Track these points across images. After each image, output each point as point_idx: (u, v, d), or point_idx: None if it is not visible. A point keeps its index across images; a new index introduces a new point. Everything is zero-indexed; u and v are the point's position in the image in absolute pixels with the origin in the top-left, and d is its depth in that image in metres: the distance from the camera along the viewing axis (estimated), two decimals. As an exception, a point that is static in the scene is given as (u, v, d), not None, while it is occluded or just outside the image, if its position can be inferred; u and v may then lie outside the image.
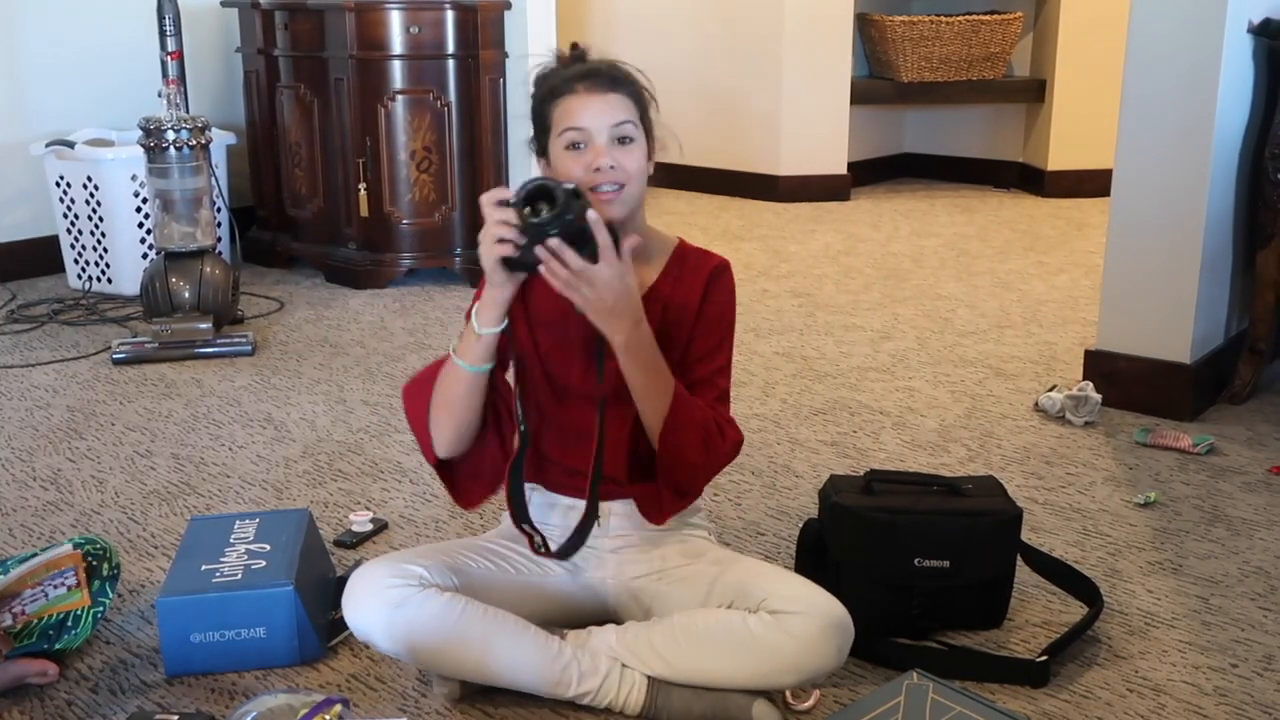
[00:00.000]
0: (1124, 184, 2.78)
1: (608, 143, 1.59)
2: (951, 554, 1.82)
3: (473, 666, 1.61)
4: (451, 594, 1.62)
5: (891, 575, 1.83)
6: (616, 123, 1.60)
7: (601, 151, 1.59)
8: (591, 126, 1.59)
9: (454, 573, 1.66)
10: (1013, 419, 2.78)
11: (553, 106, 1.62)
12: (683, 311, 1.69)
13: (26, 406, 2.89)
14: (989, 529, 1.83)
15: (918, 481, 1.94)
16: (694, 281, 1.70)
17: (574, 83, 1.61)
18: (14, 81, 4.02)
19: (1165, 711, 1.68)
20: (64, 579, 1.74)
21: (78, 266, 3.92)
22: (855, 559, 1.84)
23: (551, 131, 1.62)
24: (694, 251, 1.74)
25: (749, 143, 5.54)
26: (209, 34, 4.41)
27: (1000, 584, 1.88)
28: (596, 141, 1.59)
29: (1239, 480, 2.44)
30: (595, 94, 1.60)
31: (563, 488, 1.74)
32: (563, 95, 1.61)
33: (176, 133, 3.28)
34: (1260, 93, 2.80)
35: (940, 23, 5.34)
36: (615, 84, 1.62)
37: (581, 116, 1.59)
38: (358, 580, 1.63)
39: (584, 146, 1.60)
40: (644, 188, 1.65)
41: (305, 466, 2.53)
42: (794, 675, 1.58)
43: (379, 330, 3.51)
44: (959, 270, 4.20)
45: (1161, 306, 2.76)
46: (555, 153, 1.62)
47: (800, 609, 1.57)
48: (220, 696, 1.72)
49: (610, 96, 1.61)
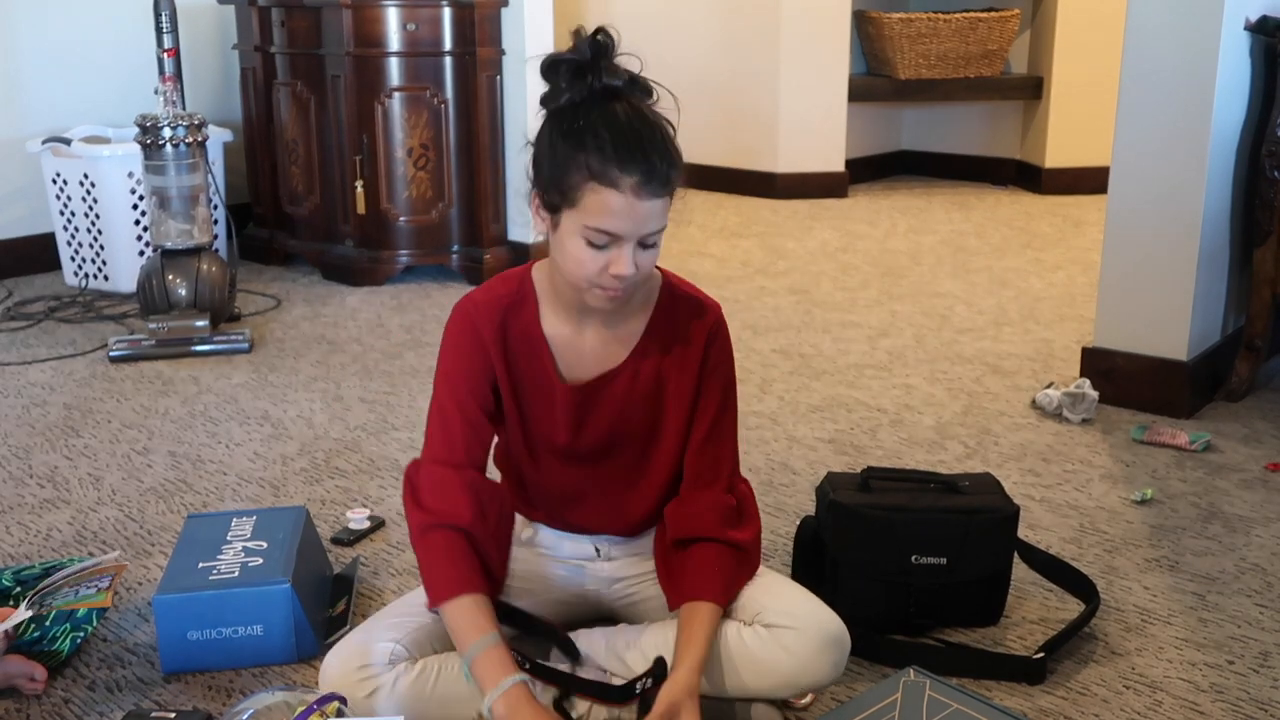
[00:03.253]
0: (1121, 181, 2.78)
1: (635, 247, 1.43)
2: (948, 551, 1.82)
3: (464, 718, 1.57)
4: (422, 664, 1.54)
5: (888, 572, 1.83)
6: (653, 231, 1.43)
7: (627, 261, 1.42)
8: (627, 235, 1.42)
9: (431, 635, 1.56)
10: (1010, 416, 2.78)
11: (585, 183, 1.40)
12: (682, 373, 1.59)
13: (23, 404, 2.89)
14: (986, 526, 1.83)
15: (915, 479, 1.94)
16: (693, 337, 1.60)
17: (622, 177, 1.39)
18: (10, 78, 4.02)
19: (1162, 708, 1.68)
20: (100, 582, 1.74)
21: (74, 264, 3.91)
22: (852, 556, 1.84)
23: (575, 206, 1.43)
24: (683, 298, 1.61)
25: (747, 140, 5.54)
26: (206, 31, 4.40)
27: (997, 581, 1.88)
28: (624, 248, 1.42)
29: (1236, 477, 2.45)
30: (642, 199, 1.39)
31: (566, 526, 1.73)
32: (604, 185, 1.39)
33: (173, 130, 3.27)
34: (1257, 90, 2.80)
35: (938, 20, 5.34)
36: (664, 183, 1.40)
37: (622, 224, 1.40)
38: (329, 665, 1.54)
39: (608, 247, 1.43)
40: None
41: (302, 464, 2.53)
42: (789, 690, 1.57)
43: (376, 327, 3.51)
44: (956, 267, 4.20)
45: (1158, 304, 2.76)
46: (569, 230, 1.44)
47: (796, 624, 1.54)
48: (217, 694, 1.72)
49: (654, 203, 1.41)
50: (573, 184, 1.42)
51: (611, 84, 1.43)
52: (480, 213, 3.98)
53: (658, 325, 1.60)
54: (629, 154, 1.39)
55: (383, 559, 2.11)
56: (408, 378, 3.07)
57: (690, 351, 1.60)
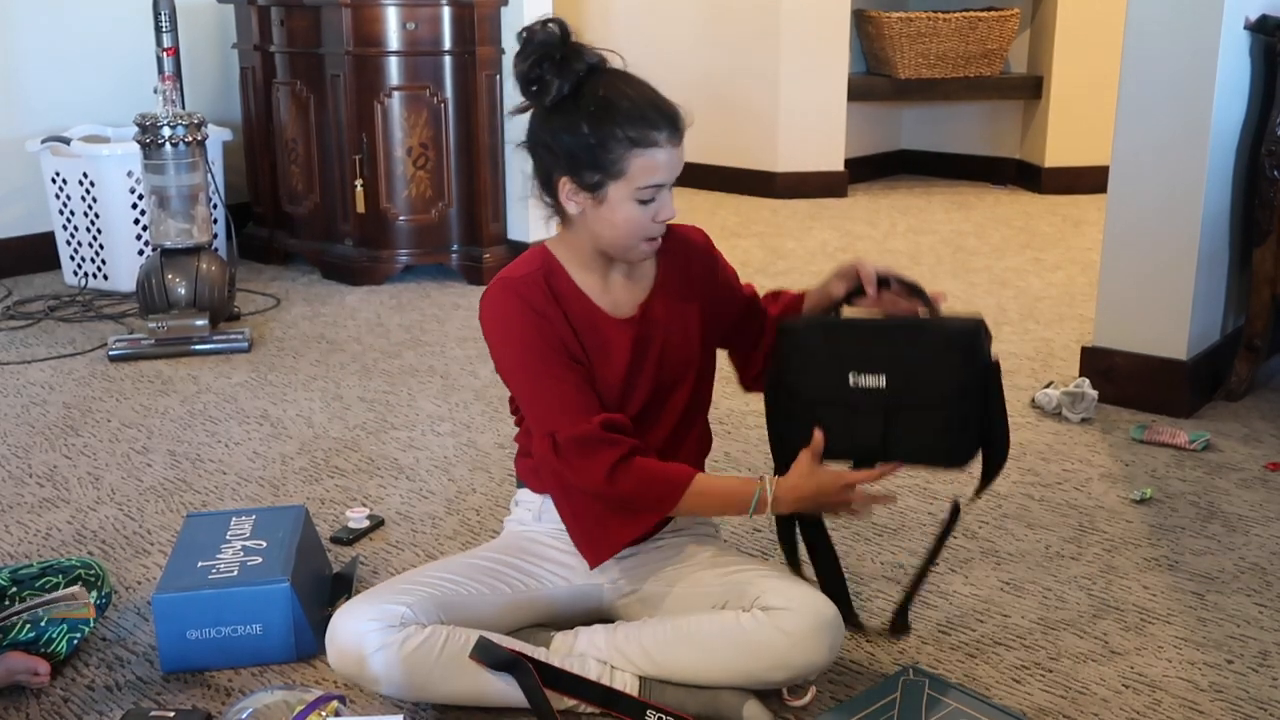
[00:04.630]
0: (1121, 181, 2.78)
1: (666, 190, 1.60)
2: (889, 370, 1.62)
3: (462, 695, 1.59)
4: (431, 629, 1.57)
5: (827, 396, 1.65)
6: (677, 174, 1.60)
7: (670, 204, 1.60)
8: (669, 181, 1.58)
9: (439, 603, 1.62)
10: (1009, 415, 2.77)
11: (629, 152, 1.54)
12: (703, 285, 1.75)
13: (23, 403, 2.89)
14: (934, 344, 1.62)
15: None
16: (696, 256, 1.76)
17: (655, 134, 1.55)
18: (9, 77, 4.01)
19: (1161, 707, 1.68)
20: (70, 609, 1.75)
21: (74, 263, 3.91)
22: (791, 381, 1.69)
23: (622, 176, 1.56)
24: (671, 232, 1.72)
25: (746, 139, 5.53)
26: (205, 30, 4.40)
27: (954, 412, 1.62)
28: (667, 195, 1.59)
29: (1235, 476, 2.45)
30: (675, 146, 1.57)
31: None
32: (647, 147, 1.55)
33: (172, 129, 3.27)
34: (1257, 89, 2.80)
35: (937, 19, 5.34)
36: (680, 126, 1.58)
37: (667, 175, 1.57)
38: (338, 623, 1.58)
39: (653, 200, 1.58)
40: None
41: (301, 463, 2.53)
42: (784, 672, 1.58)
43: (375, 327, 3.51)
44: (956, 267, 4.20)
45: (1158, 303, 2.76)
46: (618, 199, 1.57)
47: (792, 605, 1.57)
48: (216, 693, 1.72)
49: (680, 146, 1.59)
50: (615, 157, 1.55)
51: (592, 61, 1.57)
52: (480, 212, 3.98)
53: (668, 261, 1.73)
54: (656, 113, 1.55)
55: (382, 558, 2.11)
56: (407, 377, 3.07)
57: (705, 267, 1.76)
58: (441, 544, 2.16)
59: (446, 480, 2.44)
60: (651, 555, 1.75)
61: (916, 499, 2.34)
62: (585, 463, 1.59)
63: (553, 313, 1.62)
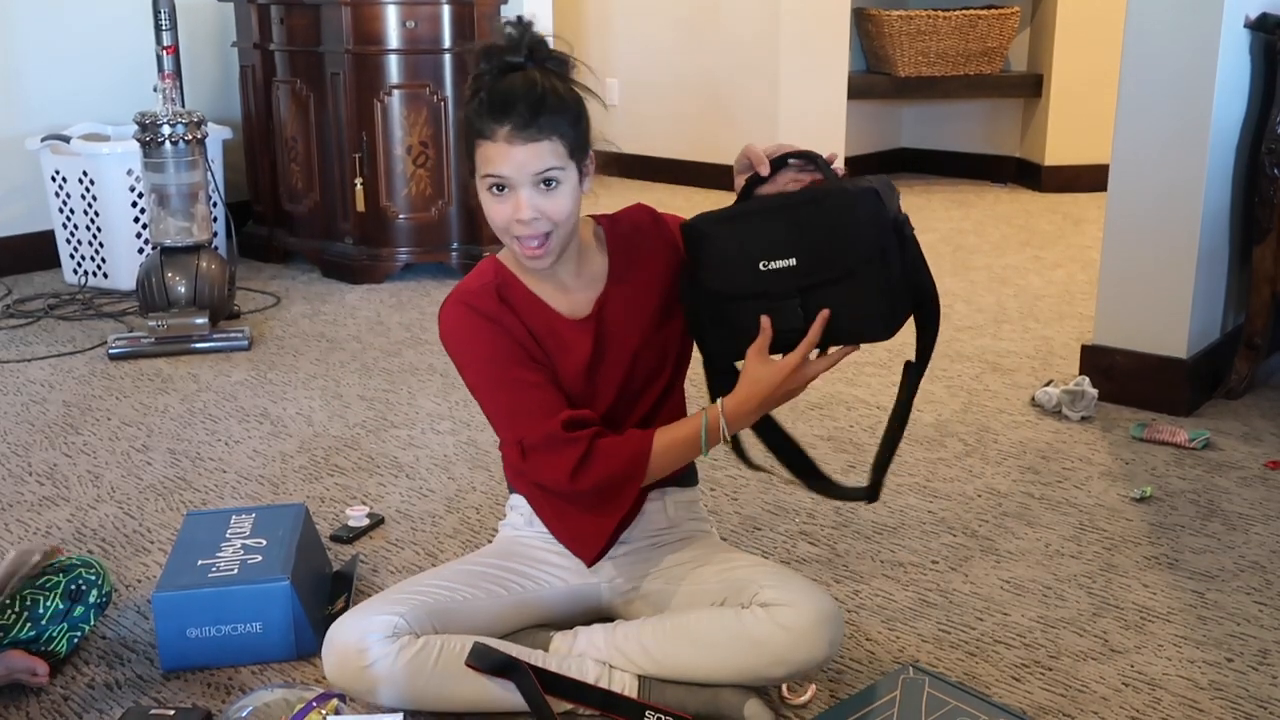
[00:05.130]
0: (1121, 179, 2.78)
1: (531, 189, 1.54)
2: (796, 249, 1.56)
3: (461, 702, 1.59)
4: (425, 639, 1.57)
5: (742, 289, 1.60)
6: (538, 171, 1.53)
7: (524, 203, 1.54)
8: (513, 177, 1.53)
9: (432, 611, 1.61)
10: (1009, 414, 2.78)
11: (475, 141, 1.55)
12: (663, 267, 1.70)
13: (22, 401, 2.89)
14: (834, 212, 1.56)
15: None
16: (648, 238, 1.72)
17: (494, 126, 1.52)
18: (9, 76, 4.01)
19: (1161, 706, 1.68)
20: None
21: (73, 261, 3.91)
22: (710, 285, 1.63)
23: (475, 163, 1.57)
24: (620, 220, 1.73)
25: (745, 137, 5.45)
26: (205, 28, 4.40)
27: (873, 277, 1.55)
28: (519, 191, 1.54)
29: (1235, 475, 2.45)
30: (516, 144, 1.52)
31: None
32: (485, 139, 1.53)
33: (172, 127, 3.27)
34: (1257, 87, 2.80)
35: (937, 17, 5.34)
36: (539, 128, 1.52)
37: (502, 166, 1.53)
38: (333, 636, 1.58)
39: (506, 190, 1.55)
40: (577, 221, 1.62)
41: (301, 461, 2.53)
42: (785, 668, 1.58)
43: (375, 325, 3.51)
44: (956, 265, 4.20)
45: (1158, 301, 2.76)
46: (480, 186, 1.58)
47: (792, 601, 1.57)
48: (216, 691, 1.72)
49: (531, 146, 1.52)
50: (469, 147, 1.57)
51: (512, 60, 1.55)
52: (479, 210, 3.96)
53: (617, 251, 1.70)
54: (500, 107, 1.52)
55: (382, 556, 2.11)
56: (407, 375, 3.06)
57: (655, 247, 1.71)
58: (441, 542, 2.16)
59: (446, 478, 2.44)
60: (649, 553, 1.75)
61: (917, 497, 2.34)
62: (549, 464, 1.59)
63: (508, 320, 1.62)
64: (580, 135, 1.57)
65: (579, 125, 1.57)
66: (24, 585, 1.75)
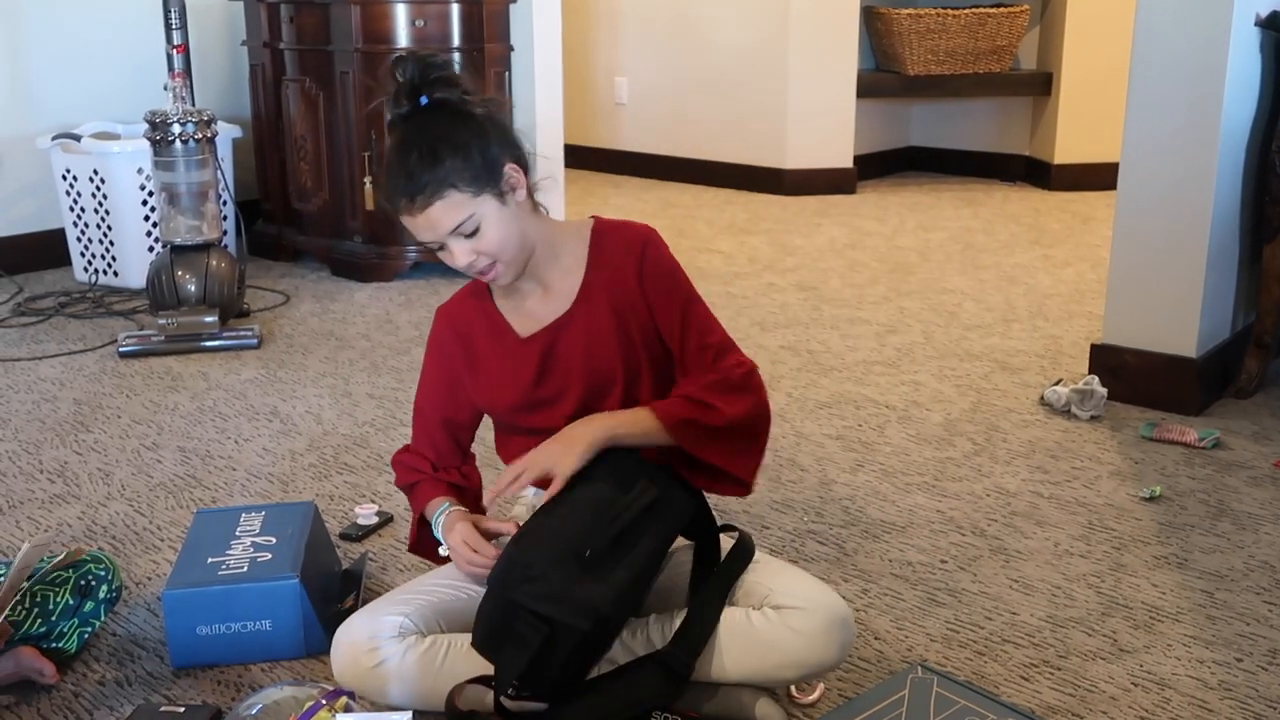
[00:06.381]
0: (1130, 177, 2.77)
1: (455, 240, 1.58)
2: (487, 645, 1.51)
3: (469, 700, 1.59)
4: (432, 638, 1.59)
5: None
6: (449, 230, 1.56)
7: (456, 254, 1.59)
8: (434, 239, 1.59)
9: (438, 610, 1.63)
10: (1018, 413, 2.78)
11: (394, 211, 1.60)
12: (629, 296, 1.67)
13: (33, 399, 2.90)
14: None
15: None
16: (625, 265, 1.67)
17: (395, 202, 1.57)
18: (20, 75, 4.03)
19: (1170, 706, 1.68)
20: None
21: (84, 260, 3.92)
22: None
23: None
24: (610, 230, 1.71)
25: (755, 136, 5.53)
26: (215, 27, 4.41)
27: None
28: (449, 245, 1.59)
29: (1245, 474, 2.44)
30: (417, 214, 1.55)
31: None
32: (397, 212, 1.58)
33: (182, 126, 3.28)
34: (1267, 86, 2.79)
35: (947, 16, 5.33)
36: (429, 192, 1.53)
37: (420, 234, 1.59)
38: (340, 638, 1.61)
39: (441, 247, 1.60)
40: (522, 237, 1.62)
41: (311, 459, 2.53)
42: (796, 670, 1.58)
43: (384, 324, 3.52)
44: (965, 264, 4.19)
45: (1167, 300, 2.76)
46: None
47: (803, 604, 1.57)
48: (226, 689, 1.72)
49: (429, 211, 1.54)
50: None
51: (399, 113, 1.58)
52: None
53: (595, 268, 1.69)
54: (391, 187, 1.56)
55: (391, 554, 2.12)
56: (416, 373, 3.04)
57: (628, 276, 1.67)
58: (450, 540, 2.16)
59: (455, 477, 2.44)
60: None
61: (925, 496, 2.34)
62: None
63: (454, 349, 1.73)
64: (484, 163, 1.56)
65: (477, 155, 1.56)
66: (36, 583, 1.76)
